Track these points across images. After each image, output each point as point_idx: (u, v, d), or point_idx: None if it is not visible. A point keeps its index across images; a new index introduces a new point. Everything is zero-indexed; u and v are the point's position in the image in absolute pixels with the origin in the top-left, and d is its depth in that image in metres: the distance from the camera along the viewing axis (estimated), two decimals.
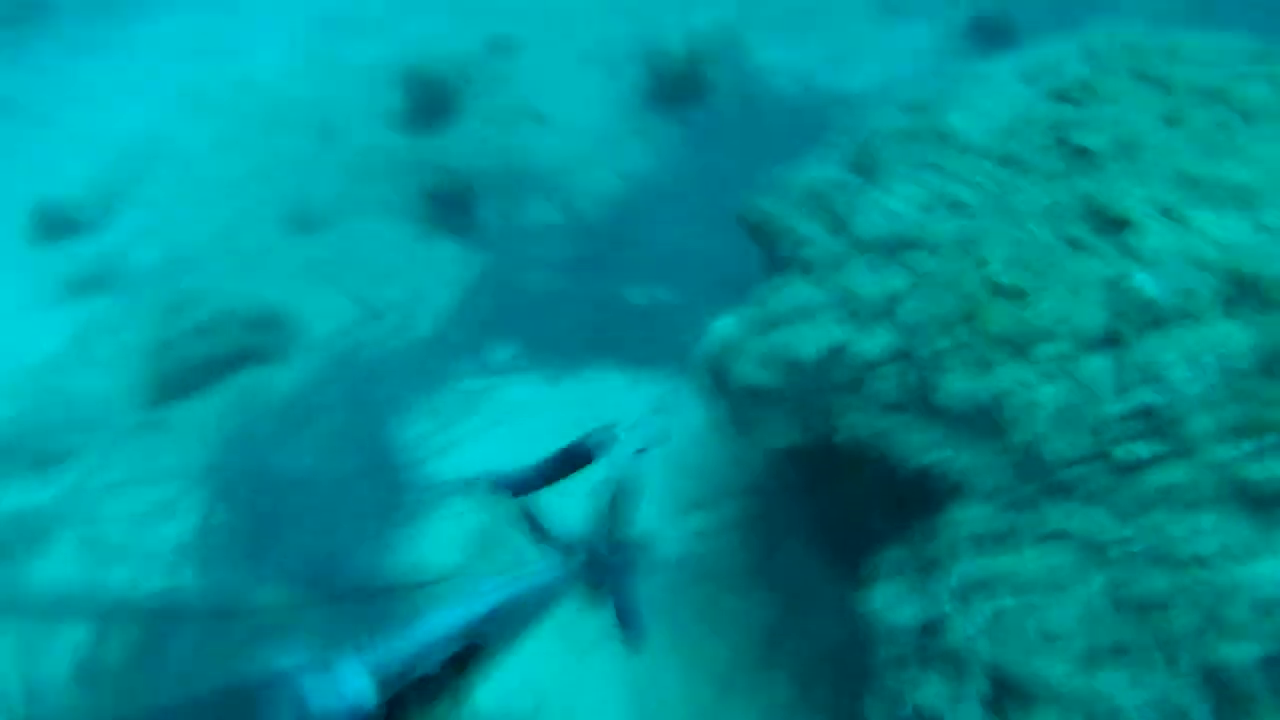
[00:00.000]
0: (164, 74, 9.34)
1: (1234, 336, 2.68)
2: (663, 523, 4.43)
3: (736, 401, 3.50)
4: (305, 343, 5.87)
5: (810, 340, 3.18)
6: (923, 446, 2.95)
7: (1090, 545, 2.67)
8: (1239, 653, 2.48)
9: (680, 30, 7.44)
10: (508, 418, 5.15)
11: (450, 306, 5.83)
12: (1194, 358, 2.66)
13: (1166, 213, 2.90)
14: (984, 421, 2.83)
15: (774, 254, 3.91)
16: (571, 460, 2.13)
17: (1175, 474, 2.60)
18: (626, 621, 2.45)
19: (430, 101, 7.09)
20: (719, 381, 3.64)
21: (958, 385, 2.84)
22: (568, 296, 5.62)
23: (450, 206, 6.20)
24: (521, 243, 6.10)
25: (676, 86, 6.82)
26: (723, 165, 6.17)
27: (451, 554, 4.63)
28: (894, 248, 3.17)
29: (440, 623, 1.57)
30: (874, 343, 3.04)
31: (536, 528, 2.29)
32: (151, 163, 8.02)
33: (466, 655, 1.44)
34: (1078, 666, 2.62)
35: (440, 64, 7.43)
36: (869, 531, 3.49)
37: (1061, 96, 3.35)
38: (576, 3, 8.30)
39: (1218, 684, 2.53)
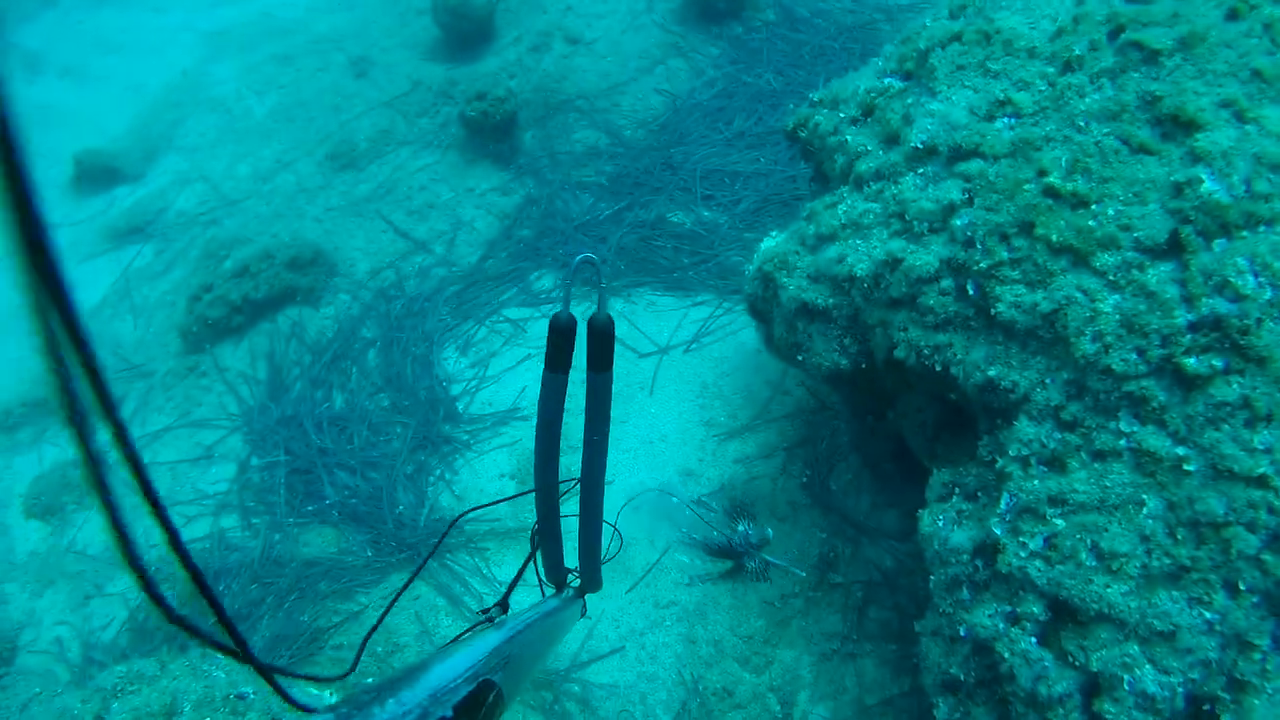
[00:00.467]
0: (187, 18, 9.17)
1: None
2: (706, 451, 4.39)
3: (787, 320, 3.43)
4: (349, 280, 5.80)
5: (864, 255, 3.10)
6: (984, 360, 2.87)
7: (1147, 464, 2.59)
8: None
9: None
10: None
11: (494, 235, 5.74)
12: (1263, 261, 2.56)
13: (1235, 112, 2.78)
14: (1047, 334, 2.74)
15: (822, 169, 3.81)
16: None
17: (1242, 388, 2.51)
18: None
19: (464, 29, 6.92)
20: (768, 300, 3.57)
21: (1016, 297, 2.75)
22: (612, 220, 5.50)
23: (491, 134, 6.05)
24: (564, 167, 5.98)
25: (715, 1, 6.62)
26: (765, 82, 6.00)
27: (493, 483, 4.63)
28: (949, 158, 3.07)
29: (449, 667, 1.54)
30: (930, 256, 2.95)
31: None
32: (186, 109, 7.92)
33: (480, 695, 1.42)
34: (1140, 587, 2.57)
35: None
36: (920, 455, 3.43)
37: None
38: None
39: (1278, 605, 2.49)
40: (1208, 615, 2.45)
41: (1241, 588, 2.42)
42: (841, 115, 3.69)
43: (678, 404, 4.63)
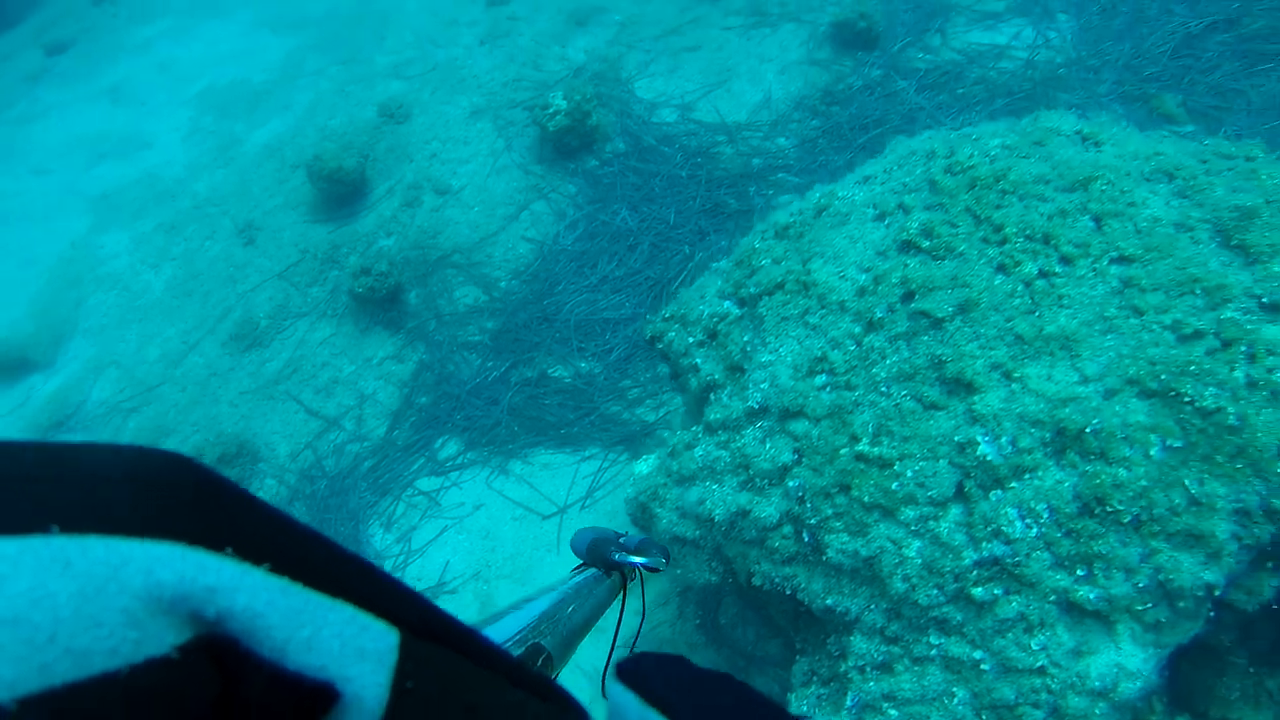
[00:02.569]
0: (69, 180, 9.39)
1: (1062, 484, 3.42)
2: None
3: (664, 540, 4.22)
4: (272, 464, 6.30)
5: (719, 501, 3.87)
6: (822, 591, 3.69)
7: (955, 667, 3.46)
8: None
9: (559, 65, 7.77)
10: (464, 518, 5.76)
11: (397, 405, 6.32)
12: (1029, 509, 3.40)
13: (1003, 373, 3.60)
14: (867, 572, 3.56)
15: (679, 379, 4.58)
16: None
17: (1019, 605, 3.38)
18: None
19: (339, 188, 7.37)
20: (646, 523, 4.36)
21: (842, 544, 3.56)
22: (500, 381, 6.12)
23: (379, 305, 6.59)
24: (449, 327, 6.53)
25: (566, 138, 7.09)
26: (622, 220, 6.60)
27: None
28: (780, 416, 3.85)
29: (498, 630, 1.60)
30: (771, 509, 3.74)
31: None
32: (85, 287, 8.18)
33: (530, 659, 1.44)
34: None
35: (340, 146, 7.67)
36: (786, 629, 4.26)
37: (908, 246, 3.99)
38: (455, 51, 8.49)
39: None
40: None
41: None
42: (690, 339, 4.45)
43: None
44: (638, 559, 2.34)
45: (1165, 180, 4.06)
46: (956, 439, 3.54)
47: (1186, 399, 3.40)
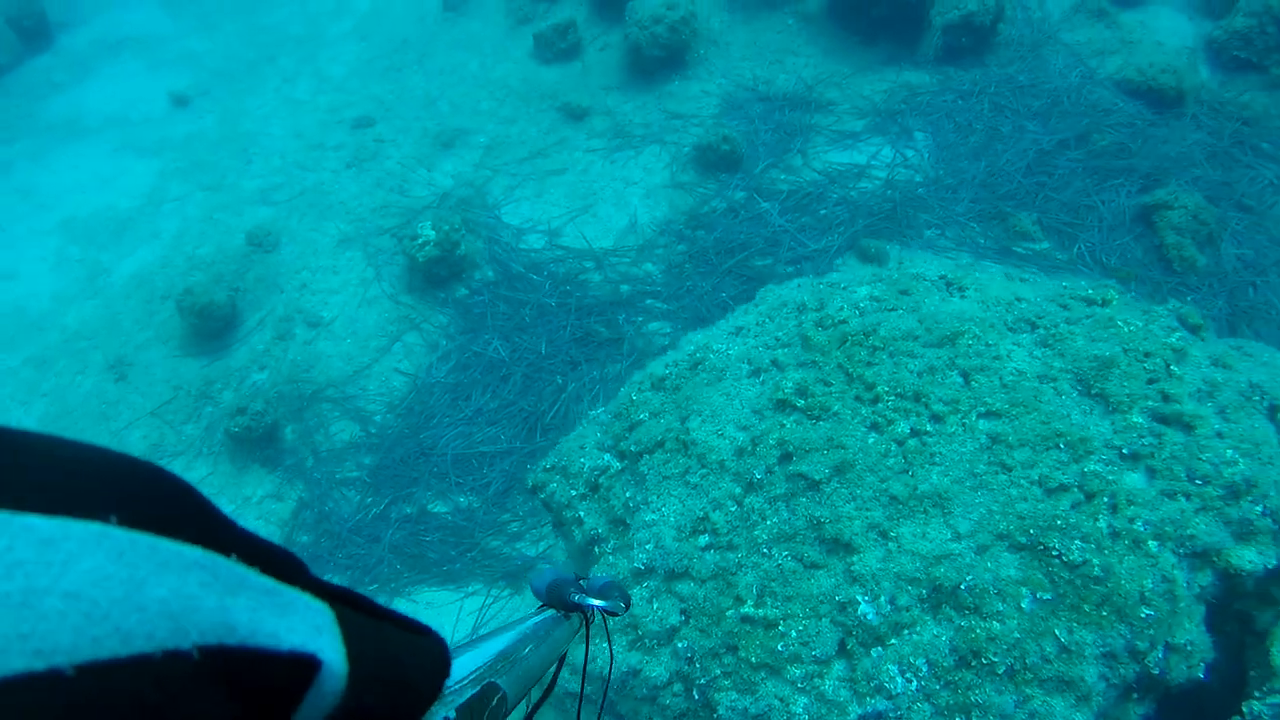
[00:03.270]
0: None
1: (939, 638, 3.55)
2: None
3: (555, 695, 4.25)
4: None
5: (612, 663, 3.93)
6: None
7: None
8: None
9: (426, 190, 7.82)
10: None
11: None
12: (909, 663, 3.52)
13: (879, 532, 3.73)
14: None
15: (563, 528, 4.64)
16: None
17: None
18: None
19: (210, 323, 7.27)
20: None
21: (732, 702, 3.64)
22: (379, 518, 6.10)
23: (257, 440, 6.50)
24: (327, 464, 6.49)
25: (436, 268, 7.11)
26: (495, 350, 6.65)
27: None
28: (666, 577, 3.93)
29: (456, 668, 1.45)
30: (661, 669, 3.81)
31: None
32: None
33: (485, 698, 1.41)
34: None
35: (210, 277, 7.60)
36: None
37: (783, 405, 4.12)
38: (322, 175, 8.46)
39: None
40: None
41: None
42: (573, 492, 4.51)
43: None
44: (597, 602, 2.25)
45: (1028, 329, 4.28)
46: (837, 598, 3.66)
47: (1054, 552, 3.58)
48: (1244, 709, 3.80)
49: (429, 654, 0.79)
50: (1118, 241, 6.54)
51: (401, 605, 5.71)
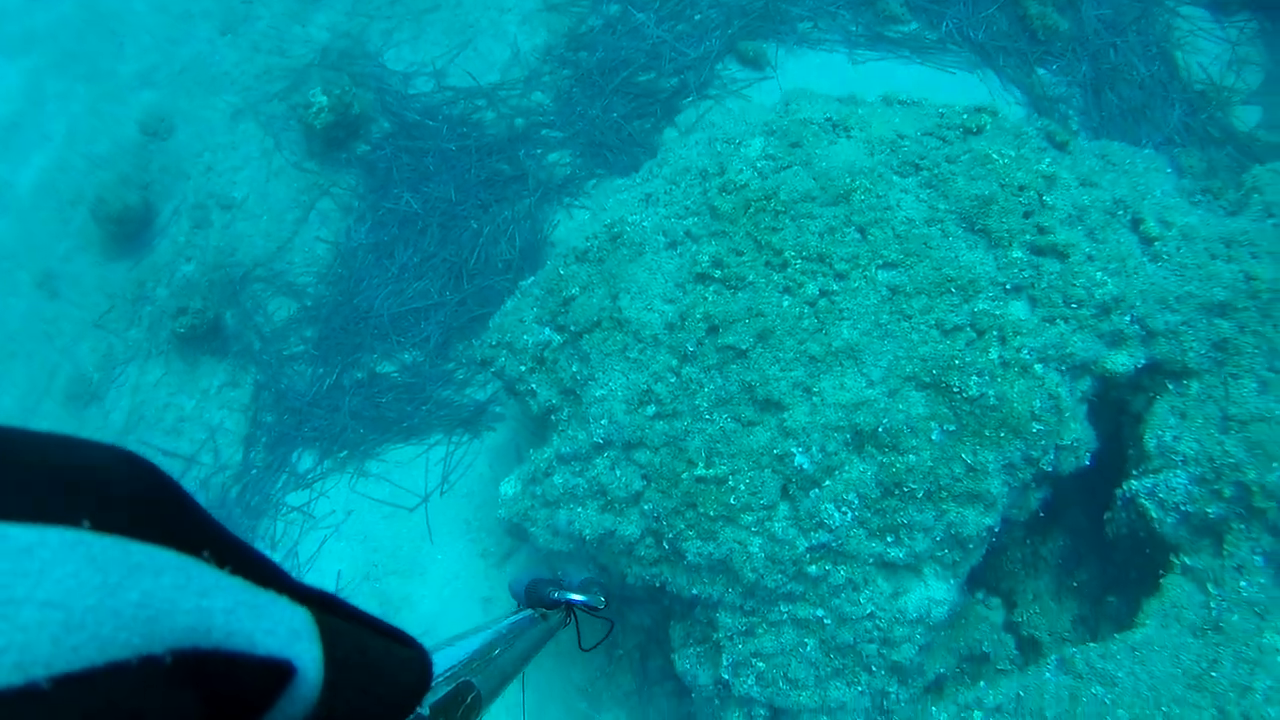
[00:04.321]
0: None
1: (865, 474, 4.13)
2: (491, 578, 5.72)
3: (542, 552, 4.80)
4: None
5: (587, 522, 4.45)
6: (688, 584, 4.36)
7: (803, 625, 4.21)
8: (904, 653, 4.15)
9: (305, 48, 7.70)
10: (339, 525, 6.13)
11: (245, 429, 6.54)
12: (842, 499, 4.11)
13: (803, 389, 4.24)
14: (722, 568, 4.24)
15: (516, 393, 5.07)
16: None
17: (845, 573, 4.12)
18: None
19: (126, 226, 7.25)
20: (521, 536, 4.91)
21: (698, 549, 4.21)
22: (335, 388, 6.43)
23: (202, 336, 6.67)
24: (273, 344, 6.72)
25: (333, 132, 7.10)
26: (406, 204, 6.81)
27: None
28: (623, 447, 4.42)
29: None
30: (632, 527, 4.35)
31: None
32: None
33: (459, 696, 1.43)
34: (815, 686, 4.24)
35: (117, 178, 7.49)
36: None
37: (703, 278, 4.52)
38: (199, 47, 8.20)
39: (900, 671, 4.22)
40: (859, 689, 4.16)
41: (873, 669, 4.14)
42: (522, 367, 4.92)
43: (453, 544, 5.87)
44: (577, 596, 2.42)
45: (914, 172, 4.69)
46: (775, 452, 4.20)
47: (955, 388, 4.13)
48: (1119, 490, 4.49)
49: (408, 664, 0.80)
50: (983, 14, 6.77)
51: (373, 466, 6.16)
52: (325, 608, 0.68)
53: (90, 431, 6.72)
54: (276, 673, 0.59)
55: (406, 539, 5.90)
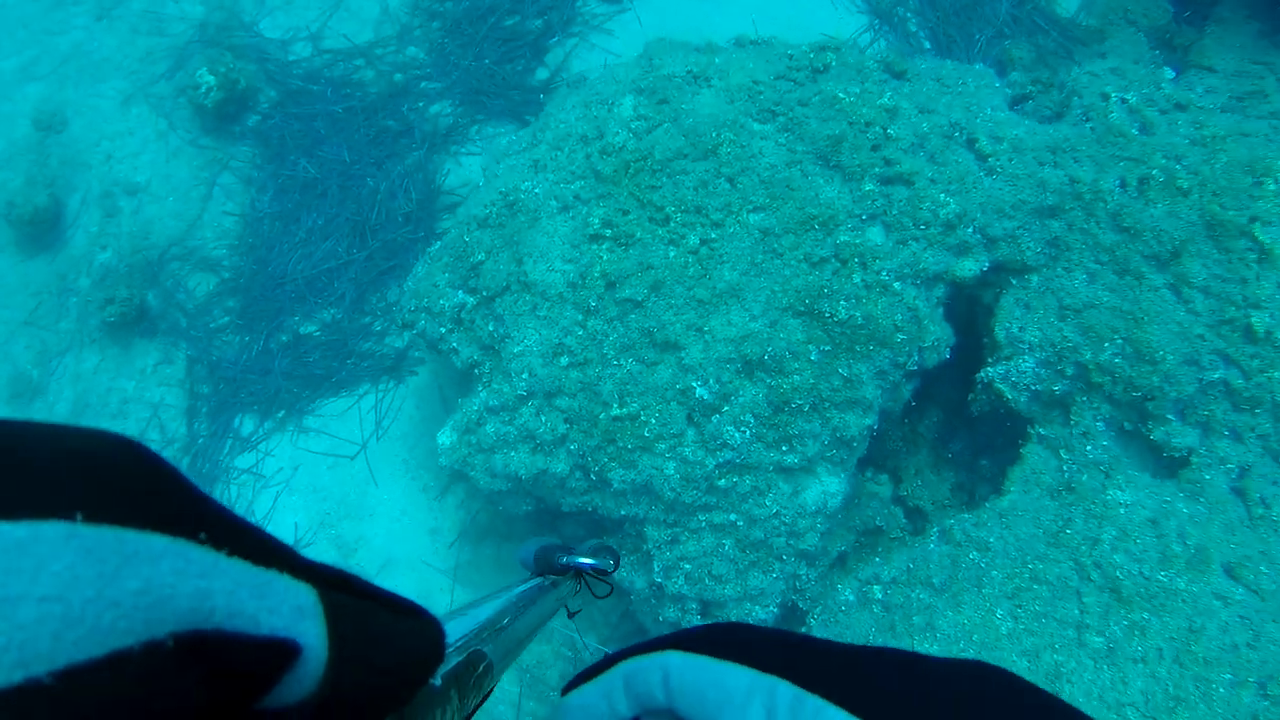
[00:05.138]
0: None
1: (757, 397, 4.73)
2: (435, 510, 6.27)
3: (484, 491, 5.35)
4: None
5: (521, 464, 5.01)
6: (615, 507, 4.97)
7: (719, 529, 4.85)
8: (808, 541, 4.83)
9: (182, 24, 7.83)
10: (289, 480, 6.62)
11: (186, 402, 6.88)
12: (740, 420, 4.71)
13: (695, 329, 4.80)
14: (644, 489, 4.84)
15: (440, 352, 5.55)
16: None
17: (750, 481, 4.76)
18: None
19: (40, 226, 7.43)
20: (462, 478, 5.46)
21: (621, 477, 4.81)
22: (262, 352, 6.78)
23: (130, 321, 6.95)
24: (198, 318, 7.02)
25: (224, 108, 7.30)
26: (303, 169, 7.08)
27: None
28: (545, 396, 4.95)
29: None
30: (563, 464, 4.93)
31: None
32: None
33: (470, 665, 1.34)
34: (736, 578, 4.91)
35: (24, 179, 7.63)
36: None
37: (596, 238, 5.02)
38: (77, 35, 8.22)
39: (807, 556, 4.90)
40: (774, 575, 4.84)
41: (784, 558, 4.82)
42: (441, 329, 5.40)
43: (396, 484, 6.37)
44: (586, 560, 2.36)
45: (771, 119, 5.20)
46: (678, 387, 4.77)
47: (827, 314, 4.72)
48: (978, 376, 5.15)
49: (419, 637, 0.79)
50: None
51: (310, 421, 6.61)
52: (334, 584, 0.66)
53: None
54: (281, 651, 0.58)
55: (352, 485, 6.40)
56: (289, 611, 0.59)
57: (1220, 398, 4.80)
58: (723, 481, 4.77)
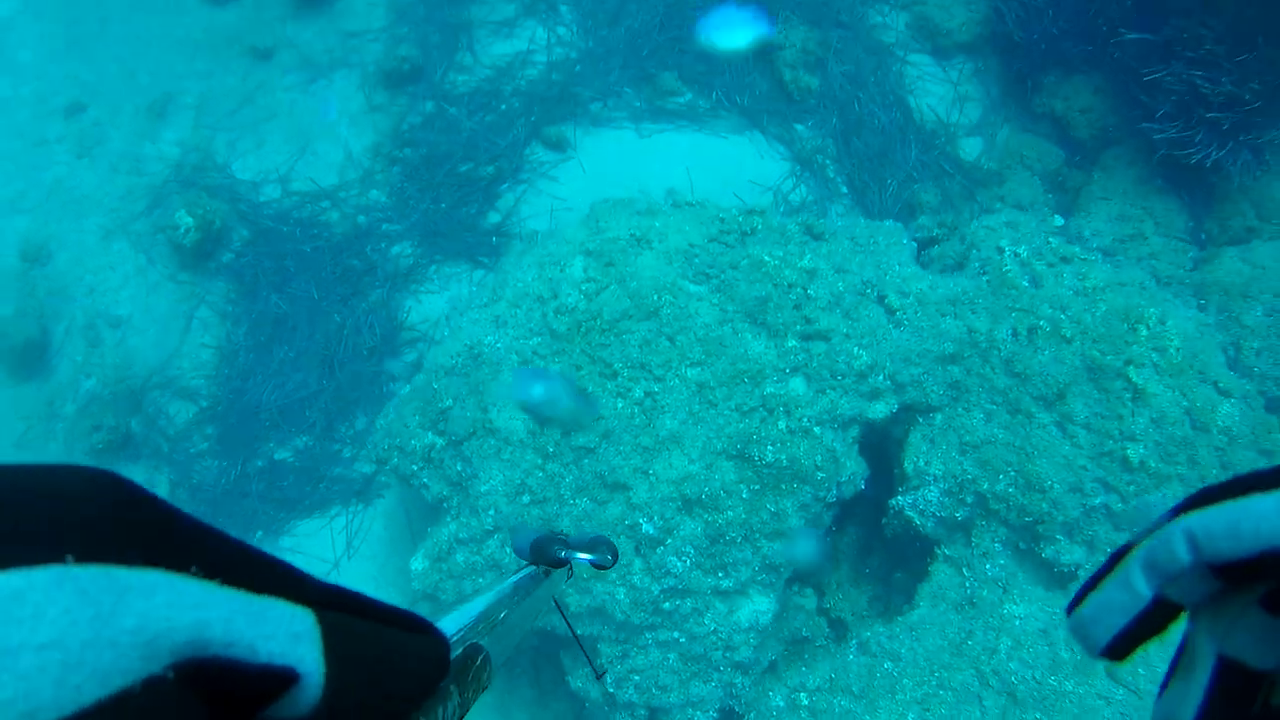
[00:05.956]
0: None
1: (695, 530, 5.54)
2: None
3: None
4: None
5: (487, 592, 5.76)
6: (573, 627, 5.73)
7: (664, 645, 5.64)
8: (742, 653, 5.61)
9: (159, 164, 8.51)
10: None
11: None
12: (681, 552, 5.51)
13: (641, 472, 5.60)
14: (598, 612, 5.62)
15: (412, 487, 6.31)
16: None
17: (691, 603, 5.56)
18: None
19: (26, 355, 8.03)
20: (433, 599, 6.20)
21: (577, 601, 5.58)
22: (240, 476, 7.42)
23: (116, 446, 7.54)
24: (179, 443, 7.60)
25: (201, 246, 7.92)
26: (275, 305, 7.72)
27: None
28: (510, 530, 5.72)
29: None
30: None
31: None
32: None
33: (468, 659, 1.34)
34: (679, 687, 5.69)
35: (11, 312, 8.24)
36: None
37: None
38: (59, 172, 8.87)
39: (741, 666, 5.69)
40: (712, 684, 5.62)
41: (721, 668, 5.61)
42: (413, 466, 6.16)
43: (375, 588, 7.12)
44: (584, 556, 2.40)
45: (705, 280, 6.02)
46: (626, 523, 5.55)
47: (756, 457, 5.53)
48: (891, 503, 6.00)
49: (422, 652, 0.79)
50: (746, 80, 7.98)
51: (285, 541, 7.29)
52: (335, 605, 0.66)
53: None
54: (278, 677, 0.59)
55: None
56: (285, 637, 0.60)
57: (1102, 519, 5.67)
58: (667, 604, 5.55)
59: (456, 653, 1.37)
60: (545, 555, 2.29)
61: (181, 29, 9.34)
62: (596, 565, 2.37)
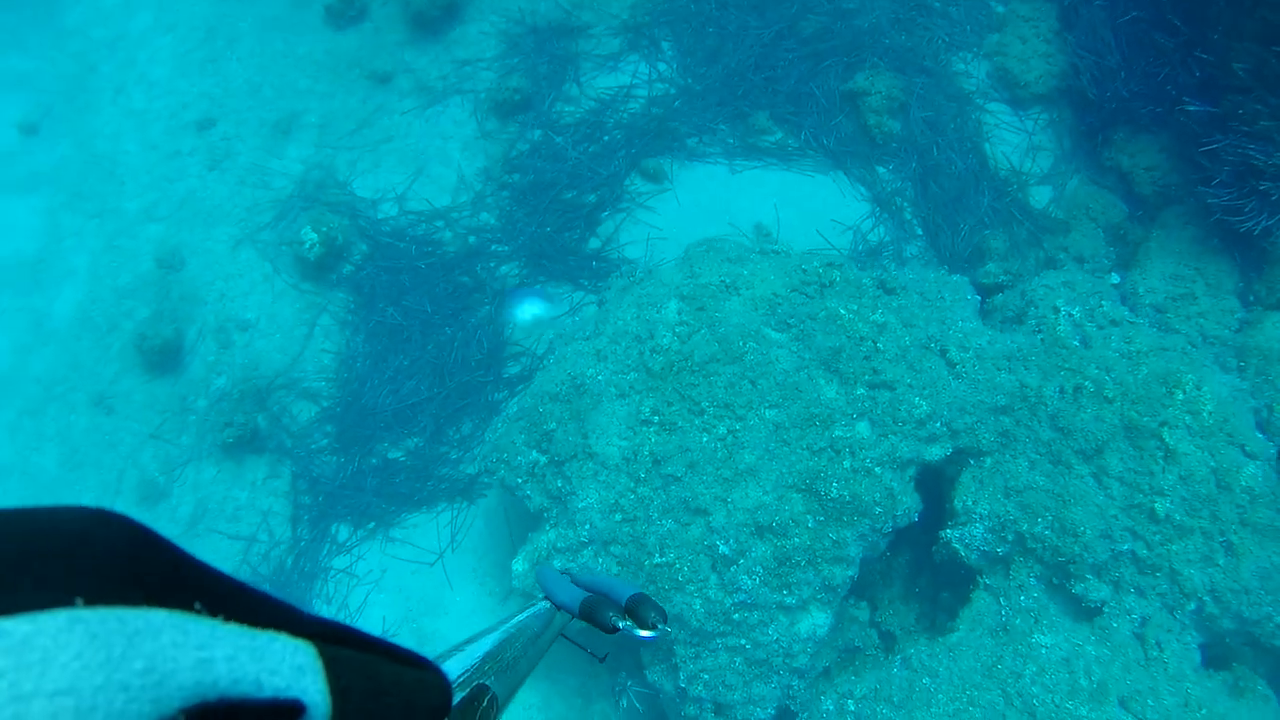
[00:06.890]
0: None
1: (765, 553, 6.70)
2: (498, 608, 8.23)
3: None
4: None
5: None
6: None
7: (732, 650, 6.83)
8: (800, 661, 6.78)
9: (284, 180, 9.50)
10: (378, 581, 8.32)
11: (290, 512, 8.47)
12: (752, 571, 6.68)
13: (720, 500, 6.76)
14: (676, 619, 6.80)
15: (516, 497, 7.52)
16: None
17: (758, 616, 6.75)
18: None
19: (164, 355, 9.03)
20: (529, 595, 7.41)
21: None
22: (356, 472, 8.44)
23: (244, 441, 8.57)
24: (301, 440, 8.59)
25: (324, 260, 8.84)
26: (391, 316, 8.72)
27: None
28: (603, 543, 6.90)
29: (445, 671, 1.25)
30: None
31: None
32: None
33: (475, 700, 1.49)
34: (743, 686, 6.90)
35: (152, 312, 9.28)
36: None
37: (645, 423, 6.97)
38: (192, 184, 9.87)
39: (799, 671, 6.89)
40: (772, 685, 6.81)
41: (781, 672, 6.80)
42: (518, 479, 7.35)
43: (467, 587, 7.75)
44: (645, 634, 2.34)
45: (786, 329, 7.12)
46: (705, 544, 6.69)
47: (821, 492, 6.65)
48: (940, 534, 7.11)
49: (426, 687, 0.86)
50: (833, 123, 8.82)
51: (395, 532, 8.42)
52: (334, 639, 0.72)
53: (163, 523, 8.59)
54: (285, 710, 0.63)
55: (431, 587, 8.14)
56: (289, 671, 0.65)
57: (1128, 563, 6.69)
58: (736, 615, 6.69)
59: (462, 694, 1.48)
60: (597, 619, 2.26)
61: (305, 49, 10.35)
62: (648, 640, 2.30)
